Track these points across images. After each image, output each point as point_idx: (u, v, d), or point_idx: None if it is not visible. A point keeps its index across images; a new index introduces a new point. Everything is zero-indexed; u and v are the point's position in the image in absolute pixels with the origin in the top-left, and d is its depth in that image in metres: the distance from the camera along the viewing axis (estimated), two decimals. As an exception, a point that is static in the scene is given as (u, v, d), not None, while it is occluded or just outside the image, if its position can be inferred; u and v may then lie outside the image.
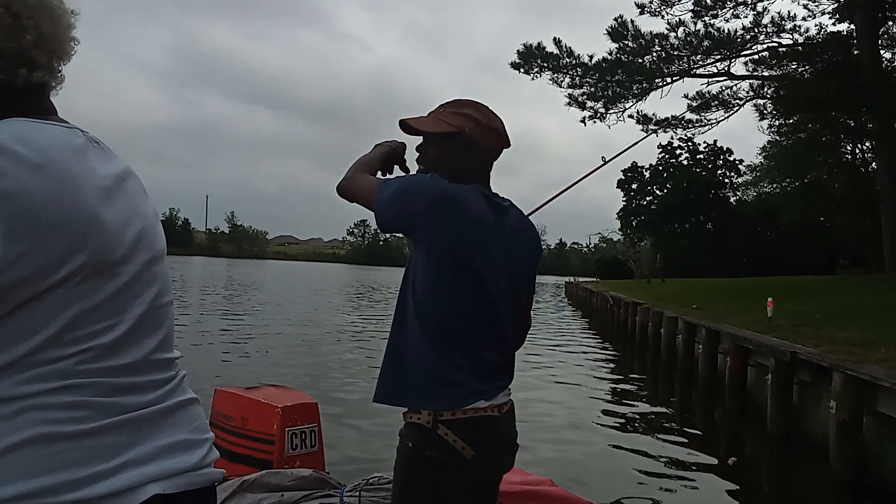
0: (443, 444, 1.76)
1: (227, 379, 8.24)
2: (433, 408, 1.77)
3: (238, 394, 3.80)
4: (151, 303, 1.21)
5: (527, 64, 21.36)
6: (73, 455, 1.06)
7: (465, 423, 1.78)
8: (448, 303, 1.80)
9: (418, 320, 1.80)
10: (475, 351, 1.82)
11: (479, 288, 1.82)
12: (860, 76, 17.97)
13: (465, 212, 1.78)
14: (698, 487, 6.00)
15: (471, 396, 1.79)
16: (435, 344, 1.79)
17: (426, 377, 1.79)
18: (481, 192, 1.85)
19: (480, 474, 1.84)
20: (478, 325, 1.83)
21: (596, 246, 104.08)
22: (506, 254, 1.87)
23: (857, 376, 6.03)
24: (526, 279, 1.97)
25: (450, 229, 1.77)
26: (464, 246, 1.78)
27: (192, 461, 1.20)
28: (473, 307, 1.81)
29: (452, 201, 1.76)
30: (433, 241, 1.78)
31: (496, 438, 1.84)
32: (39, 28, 1.15)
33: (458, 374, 1.79)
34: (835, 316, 10.05)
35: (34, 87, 1.18)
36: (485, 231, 1.82)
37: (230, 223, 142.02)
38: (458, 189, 1.79)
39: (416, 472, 1.81)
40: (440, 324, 1.80)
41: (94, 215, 1.11)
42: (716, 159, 51.79)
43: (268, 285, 38.62)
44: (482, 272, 1.81)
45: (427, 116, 1.93)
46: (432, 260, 1.79)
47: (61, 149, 1.11)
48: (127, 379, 1.14)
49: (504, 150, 1.96)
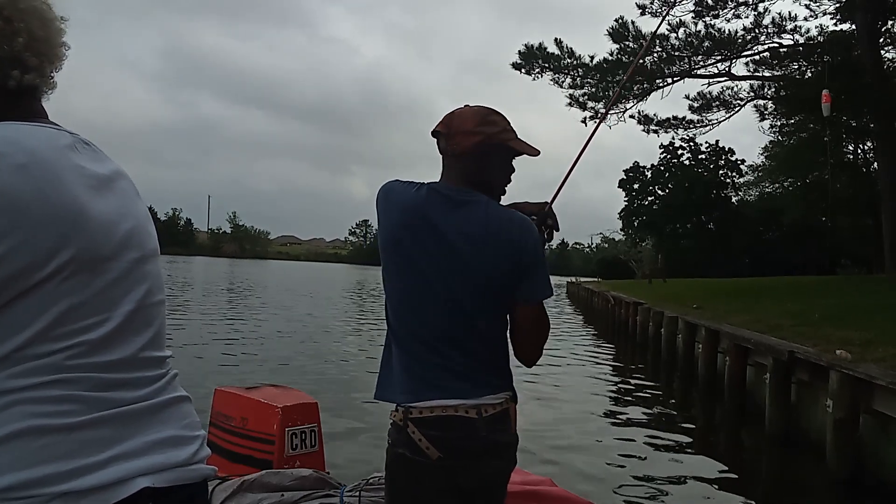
0: (411, 442, 1.78)
1: (227, 379, 8.22)
2: (400, 401, 1.82)
3: (238, 394, 3.80)
4: (141, 300, 1.23)
5: (528, 64, 21.35)
6: (63, 448, 1.07)
7: (433, 421, 1.78)
8: (397, 296, 1.88)
9: (385, 316, 1.93)
10: (435, 345, 1.83)
11: (419, 277, 1.83)
12: (861, 76, 17.95)
13: (392, 203, 1.87)
14: (698, 486, 6.02)
15: (432, 391, 1.80)
16: (395, 337, 1.88)
17: (397, 371, 1.87)
18: (431, 187, 1.87)
19: (452, 477, 1.79)
20: (432, 319, 1.83)
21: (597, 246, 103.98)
22: (452, 247, 1.82)
23: (853, 375, 6.06)
24: (484, 274, 1.83)
25: (383, 219, 1.88)
26: (394, 238, 1.86)
27: (183, 457, 1.21)
28: (418, 300, 1.84)
29: (381, 193, 1.91)
30: (379, 235, 1.92)
31: (469, 441, 1.79)
32: (31, 31, 1.18)
33: (418, 368, 1.83)
34: (834, 316, 10.06)
35: (25, 90, 1.21)
36: (419, 223, 1.83)
37: (232, 223, 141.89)
38: (391, 183, 1.91)
39: (392, 470, 1.87)
40: (395, 315, 1.89)
41: (81, 211, 1.12)
42: (717, 159, 51.72)
43: (269, 285, 38.63)
44: (417, 262, 1.83)
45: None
46: (381, 251, 1.91)
47: (46, 148, 1.13)
48: (116, 375, 1.16)
49: (443, 136, 1.91)
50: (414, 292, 1.85)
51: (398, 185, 1.91)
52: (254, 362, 11.09)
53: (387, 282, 1.91)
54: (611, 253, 68.76)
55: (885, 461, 5.83)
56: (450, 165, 1.93)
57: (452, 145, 1.89)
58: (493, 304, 1.88)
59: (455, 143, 1.89)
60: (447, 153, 1.92)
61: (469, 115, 1.91)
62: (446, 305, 1.83)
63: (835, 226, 36.08)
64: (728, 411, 9.23)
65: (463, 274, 1.83)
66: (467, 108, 1.94)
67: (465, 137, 1.88)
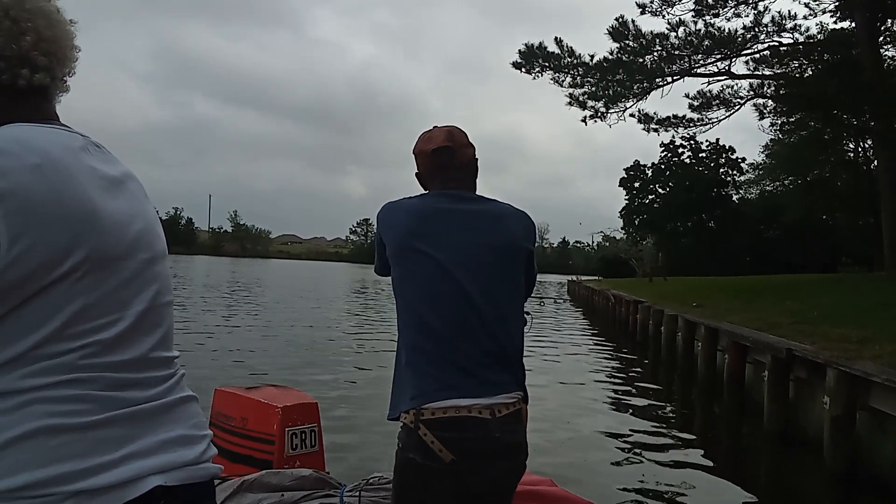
0: (423, 445, 1.76)
1: (227, 379, 8.25)
2: (412, 403, 1.80)
3: (238, 394, 3.79)
4: (152, 301, 1.24)
5: (528, 63, 21.33)
6: (77, 446, 1.08)
7: (445, 422, 1.76)
8: (412, 294, 1.91)
9: (398, 329, 1.95)
10: (450, 339, 1.83)
11: (437, 269, 1.88)
12: (861, 75, 17.95)
13: (402, 212, 1.98)
14: (697, 482, 6.06)
15: (444, 390, 1.79)
16: (408, 341, 1.89)
17: (408, 380, 1.85)
18: (433, 193, 2.04)
19: (464, 481, 1.78)
20: (449, 310, 1.85)
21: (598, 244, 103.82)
22: (461, 244, 1.92)
23: (850, 372, 6.10)
24: (501, 250, 1.95)
25: (394, 228, 1.98)
26: (409, 240, 1.93)
27: (192, 456, 1.22)
28: (436, 291, 1.87)
29: (386, 210, 2.03)
30: (391, 245, 1.99)
31: (482, 442, 1.77)
32: (38, 31, 1.19)
33: (431, 368, 1.82)
34: (833, 314, 10.08)
35: (36, 89, 1.22)
36: (434, 219, 1.94)
37: (233, 222, 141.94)
38: (391, 202, 2.05)
39: (402, 475, 1.85)
40: (409, 314, 1.90)
41: (94, 211, 1.14)
42: (718, 157, 51.76)
43: (270, 284, 38.63)
44: (434, 254, 1.89)
45: None
46: (394, 259, 1.97)
47: (60, 149, 1.14)
48: (128, 375, 1.17)
49: (452, 150, 2.05)
50: (430, 285, 1.87)
51: (398, 200, 2.05)
52: (254, 362, 11.11)
53: (401, 285, 1.94)
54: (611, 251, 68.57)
55: (881, 457, 5.87)
56: (452, 177, 2.05)
57: (460, 156, 2.05)
58: (511, 285, 1.97)
59: (461, 154, 2.05)
60: (452, 165, 2.04)
61: (455, 131, 2.09)
62: (463, 293, 1.86)
63: (835, 224, 36.10)
64: (727, 408, 9.27)
65: (480, 253, 1.92)
66: (440, 127, 2.13)
67: (467, 149, 2.08)
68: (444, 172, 2.05)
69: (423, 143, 2.08)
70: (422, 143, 2.09)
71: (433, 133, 2.09)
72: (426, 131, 2.12)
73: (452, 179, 2.04)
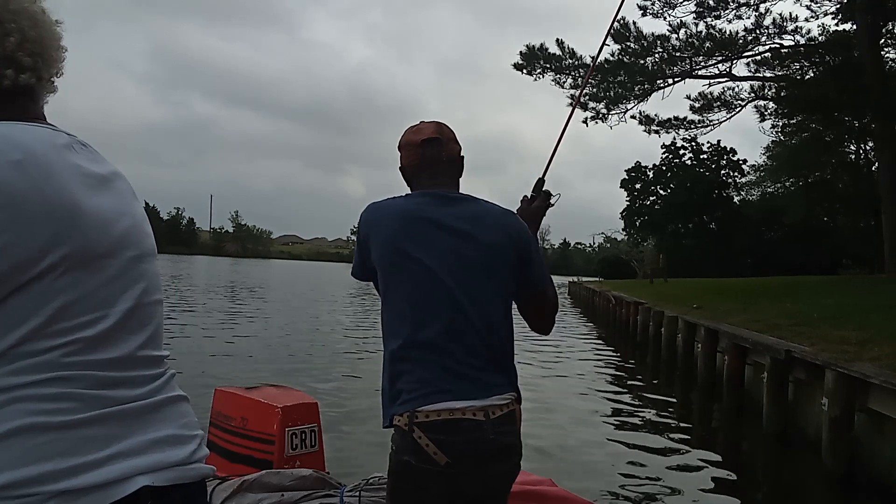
0: (417, 448, 1.75)
1: (227, 379, 8.26)
2: (406, 406, 1.79)
3: (238, 394, 3.78)
4: (138, 299, 1.22)
5: (529, 65, 21.40)
6: (61, 445, 1.06)
7: (439, 425, 1.75)
8: (400, 301, 1.90)
9: (382, 336, 1.96)
10: (439, 344, 1.82)
11: (425, 274, 1.87)
12: (862, 77, 17.97)
13: (386, 215, 1.96)
14: (696, 483, 6.07)
15: (437, 394, 1.78)
16: (396, 349, 1.86)
17: (399, 386, 1.84)
18: (419, 194, 2.02)
19: (458, 483, 1.77)
20: (437, 314, 1.84)
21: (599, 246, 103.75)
22: (455, 231, 1.91)
23: (848, 374, 6.11)
24: (488, 252, 1.92)
25: (378, 232, 1.95)
26: (395, 244, 1.91)
27: (181, 456, 1.20)
28: (424, 296, 1.86)
29: (368, 213, 2.00)
30: (376, 250, 1.96)
31: (476, 444, 1.77)
32: (22, 31, 1.18)
33: (423, 372, 1.81)
34: (833, 315, 10.08)
35: (22, 90, 1.21)
36: (420, 223, 1.92)
37: (234, 223, 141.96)
38: (374, 203, 2.02)
39: (396, 478, 1.85)
40: (397, 322, 1.89)
41: (77, 208, 1.12)
42: (719, 159, 51.68)
43: (271, 285, 38.63)
44: (422, 259, 1.88)
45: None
46: (380, 264, 1.95)
47: (42, 145, 1.12)
48: (114, 373, 1.15)
49: (441, 142, 2.04)
50: (419, 290, 1.86)
51: (383, 201, 2.02)
52: (254, 362, 11.12)
53: (387, 293, 1.92)
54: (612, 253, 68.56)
55: (879, 458, 5.87)
56: (440, 171, 2.03)
57: (448, 150, 2.04)
58: (498, 287, 1.94)
59: (449, 148, 2.05)
60: (440, 159, 2.03)
61: (444, 126, 2.10)
62: (451, 297, 1.85)
63: (836, 226, 36.06)
64: (726, 410, 9.28)
65: (467, 256, 1.90)
66: (427, 122, 2.10)
67: (454, 145, 2.09)
68: (431, 166, 2.02)
69: (411, 134, 2.06)
70: (409, 135, 2.06)
71: (421, 126, 2.08)
72: (413, 125, 2.10)
73: (440, 174, 2.02)
